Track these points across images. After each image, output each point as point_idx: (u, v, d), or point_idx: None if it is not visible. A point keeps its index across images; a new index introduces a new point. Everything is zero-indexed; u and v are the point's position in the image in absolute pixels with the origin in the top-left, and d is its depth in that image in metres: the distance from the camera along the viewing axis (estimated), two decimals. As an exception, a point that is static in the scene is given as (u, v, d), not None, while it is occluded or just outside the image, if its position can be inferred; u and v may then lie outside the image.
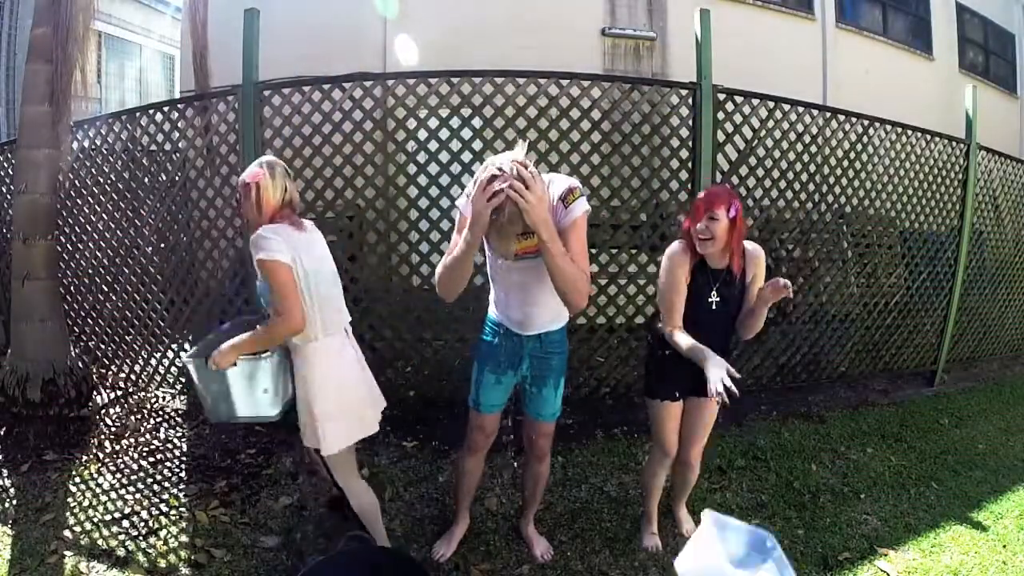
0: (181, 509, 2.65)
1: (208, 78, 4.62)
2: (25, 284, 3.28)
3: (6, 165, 4.22)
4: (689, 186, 3.37)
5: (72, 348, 3.57)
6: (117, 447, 3.24)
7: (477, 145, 3.29)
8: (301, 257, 1.88)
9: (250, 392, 1.97)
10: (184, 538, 2.45)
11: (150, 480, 2.90)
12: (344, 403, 1.99)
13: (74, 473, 2.96)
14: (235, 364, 1.90)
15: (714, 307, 2.13)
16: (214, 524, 2.53)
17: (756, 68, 5.85)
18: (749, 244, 2.14)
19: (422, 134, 3.29)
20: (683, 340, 2.06)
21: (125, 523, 2.56)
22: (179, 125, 3.48)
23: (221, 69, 4.84)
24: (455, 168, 3.27)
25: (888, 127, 4.02)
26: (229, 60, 3.32)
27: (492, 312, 2.14)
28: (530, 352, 2.08)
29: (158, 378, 3.78)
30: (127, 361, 3.88)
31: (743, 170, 3.52)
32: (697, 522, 2.57)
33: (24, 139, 3.30)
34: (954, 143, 4.36)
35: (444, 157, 3.25)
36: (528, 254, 1.86)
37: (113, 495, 2.77)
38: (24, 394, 3.18)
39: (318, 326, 1.93)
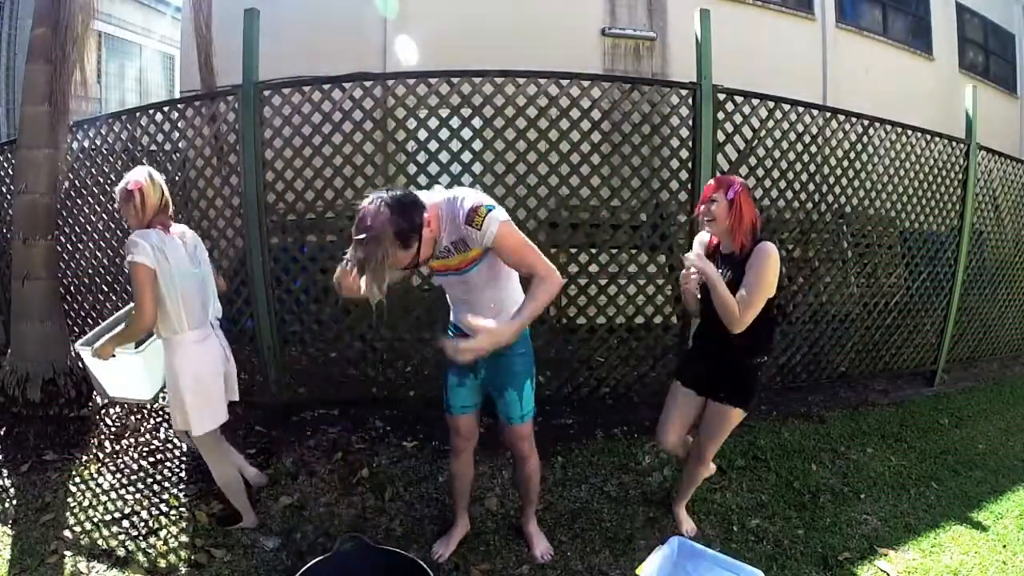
0: (181, 509, 2.65)
1: (214, 77, 4.63)
2: (25, 284, 3.28)
3: (6, 165, 4.22)
4: (689, 186, 3.36)
5: (72, 348, 3.57)
6: (117, 447, 3.24)
7: (477, 145, 3.29)
8: (167, 259, 2.12)
9: (124, 377, 2.36)
10: (184, 538, 2.45)
11: (150, 480, 2.90)
12: (206, 390, 2.26)
13: (74, 473, 2.96)
14: (114, 355, 2.24)
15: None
16: (214, 524, 2.53)
17: (756, 68, 5.85)
18: (768, 245, 2.10)
19: (422, 134, 3.29)
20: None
21: (125, 523, 2.56)
22: (179, 125, 3.48)
23: (221, 69, 4.85)
24: (455, 168, 3.27)
25: (888, 127, 4.02)
26: (229, 60, 3.32)
27: (452, 314, 2.16)
28: (487, 358, 1.96)
29: (158, 378, 3.78)
30: (127, 361, 3.87)
31: (743, 170, 3.52)
32: (697, 523, 2.59)
33: (24, 139, 3.30)
34: (954, 143, 4.36)
35: (444, 157, 3.25)
36: (450, 271, 1.90)
37: (113, 495, 2.77)
38: (24, 394, 3.18)
39: (183, 321, 2.19)
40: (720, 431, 2.31)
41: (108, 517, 2.59)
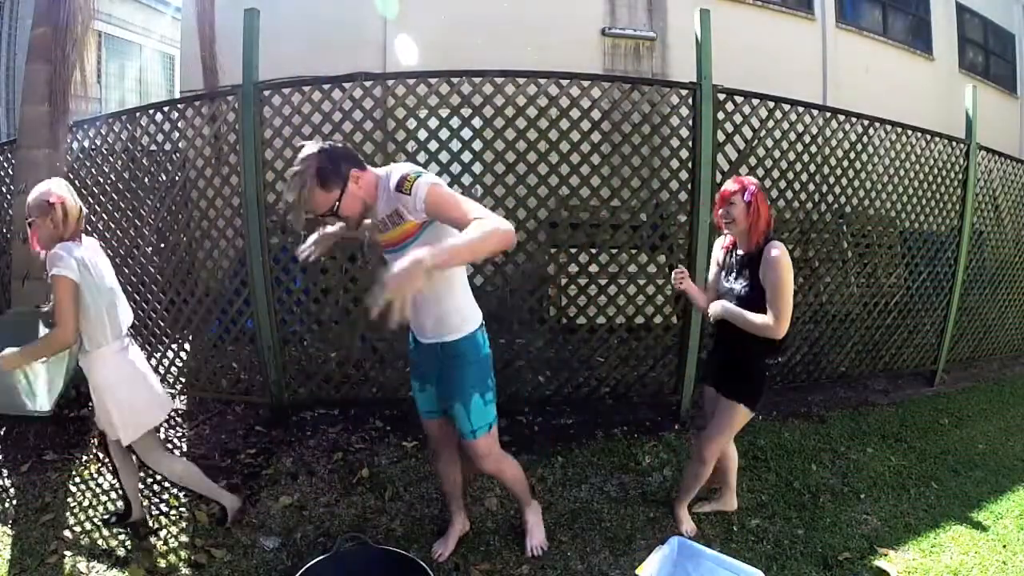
0: (181, 509, 2.65)
1: (216, 76, 4.64)
2: (25, 284, 3.28)
3: (6, 165, 4.22)
4: (689, 186, 3.36)
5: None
6: (117, 447, 3.23)
7: (477, 145, 3.29)
8: (91, 272, 2.11)
9: (15, 391, 2.28)
10: (184, 538, 2.45)
11: (150, 480, 2.89)
12: (131, 400, 2.23)
13: (74, 473, 2.96)
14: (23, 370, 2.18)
15: (728, 288, 2.27)
16: (214, 524, 2.53)
17: (756, 68, 5.86)
18: (774, 248, 2.12)
19: (422, 134, 3.29)
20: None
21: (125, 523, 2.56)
22: (179, 125, 3.48)
23: (221, 68, 4.85)
24: (455, 168, 3.27)
25: (888, 127, 4.02)
26: (230, 60, 3.32)
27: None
28: (434, 362, 2.00)
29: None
30: (127, 361, 3.87)
31: (743, 170, 3.51)
32: (697, 523, 2.59)
33: (24, 139, 3.30)
34: (954, 143, 4.36)
35: (444, 157, 3.25)
36: (391, 247, 1.85)
37: (113, 495, 2.77)
38: (24, 394, 3.18)
39: (107, 332, 2.18)
40: (721, 427, 2.32)
41: (108, 517, 2.59)
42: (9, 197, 4.12)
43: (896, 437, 3.60)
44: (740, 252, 2.27)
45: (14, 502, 2.72)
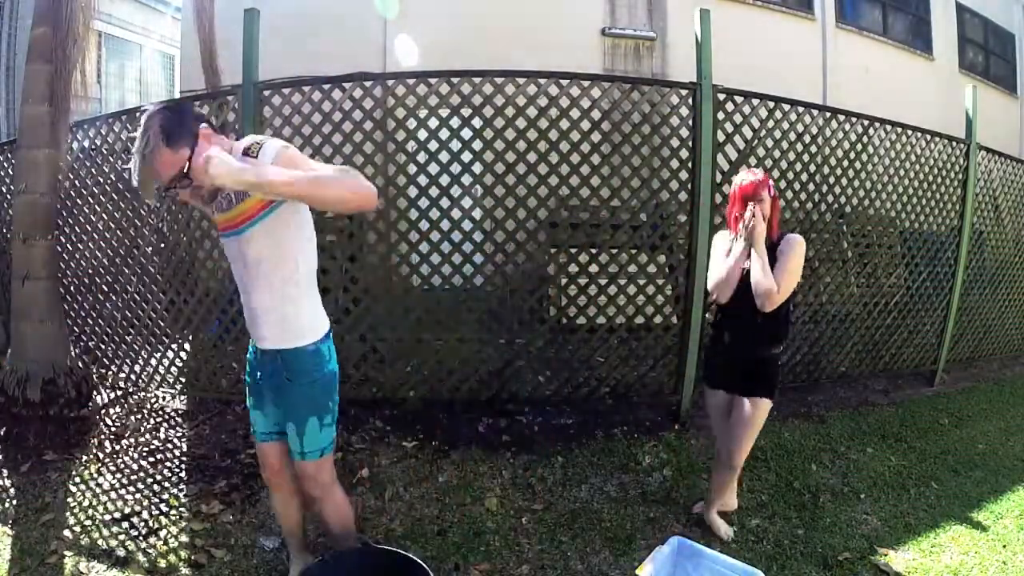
0: (181, 509, 2.65)
1: (218, 76, 4.64)
2: (25, 284, 3.28)
3: (6, 165, 4.22)
4: (689, 186, 3.36)
5: (72, 348, 3.57)
6: (117, 447, 3.24)
7: (477, 145, 3.29)
8: None
9: None
10: (184, 538, 2.45)
11: (150, 480, 2.90)
12: None
13: (74, 473, 2.96)
14: None
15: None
16: (214, 524, 2.53)
17: (756, 68, 5.86)
18: (796, 235, 2.29)
19: (422, 134, 3.29)
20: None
21: (125, 523, 2.56)
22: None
23: (222, 68, 4.85)
24: (455, 168, 3.27)
25: (888, 127, 4.02)
26: (230, 60, 3.32)
27: None
28: (273, 374, 1.75)
29: (158, 378, 3.78)
30: (127, 361, 3.88)
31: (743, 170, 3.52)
32: (697, 523, 2.59)
33: (24, 139, 3.30)
34: (954, 143, 4.36)
35: (444, 157, 3.25)
36: (229, 230, 1.65)
37: (113, 495, 2.77)
38: (24, 394, 3.18)
39: None
40: (749, 429, 2.31)
41: (108, 517, 2.59)
42: (9, 197, 4.12)
43: (896, 437, 3.60)
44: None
45: (14, 502, 2.72)
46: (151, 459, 3.11)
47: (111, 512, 2.63)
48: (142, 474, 2.96)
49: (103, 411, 3.65)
